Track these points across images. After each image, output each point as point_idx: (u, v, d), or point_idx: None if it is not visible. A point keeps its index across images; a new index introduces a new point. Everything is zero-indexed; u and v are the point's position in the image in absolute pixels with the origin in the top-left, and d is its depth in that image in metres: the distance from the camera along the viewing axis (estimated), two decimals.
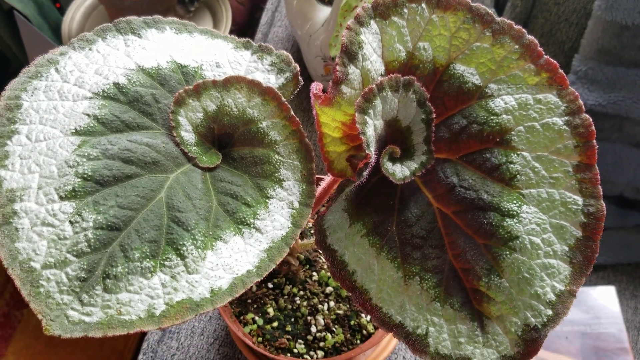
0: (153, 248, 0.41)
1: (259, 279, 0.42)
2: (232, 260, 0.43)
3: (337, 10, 0.86)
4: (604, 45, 0.95)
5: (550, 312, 0.44)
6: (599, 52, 0.96)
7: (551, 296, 0.45)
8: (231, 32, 1.35)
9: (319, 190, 0.58)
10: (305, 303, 0.66)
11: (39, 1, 1.38)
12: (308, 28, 0.97)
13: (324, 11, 0.97)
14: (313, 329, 0.64)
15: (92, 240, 0.40)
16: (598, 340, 0.95)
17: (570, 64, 1.02)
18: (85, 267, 0.40)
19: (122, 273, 0.40)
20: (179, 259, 0.41)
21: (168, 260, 0.41)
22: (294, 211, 0.46)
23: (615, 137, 1.00)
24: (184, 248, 0.42)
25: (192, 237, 0.42)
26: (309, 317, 0.65)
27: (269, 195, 0.47)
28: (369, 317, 0.64)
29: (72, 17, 1.33)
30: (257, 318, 0.64)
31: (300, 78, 0.53)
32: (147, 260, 0.41)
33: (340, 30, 0.81)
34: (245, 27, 1.48)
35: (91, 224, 0.41)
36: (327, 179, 0.59)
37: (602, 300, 0.98)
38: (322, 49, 0.96)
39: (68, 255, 0.40)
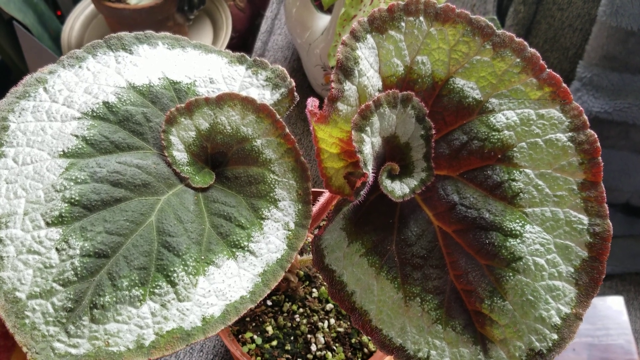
0: (142, 275, 0.40)
1: (253, 305, 0.41)
2: (225, 285, 0.41)
3: (336, 19, 0.85)
4: (609, 51, 0.93)
5: (555, 336, 0.43)
6: (604, 59, 0.94)
7: (556, 319, 0.43)
8: (231, 39, 1.34)
9: (316, 206, 0.56)
10: (305, 321, 0.65)
11: (39, 10, 1.37)
12: (307, 36, 0.96)
13: (324, 19, 0.96)
14: (313, 347, 0.63)
15: (79, 269, 0.39)
16: (606, 352, 0.93)
17: (575, 71, 1.00)
18: (71, 296, 0.39)
19: (110, 302, 0.39)
20: (169, 286, 0.40)
21: (158, 287, 0.40)
22: (290, 233, 0.45)
23: (622, 144, 0.98)
24: (175, 274, 0.40)
25: (183, 262, 0.41)
26: (309, 335, 0.64)
27: (263, 216, 0.45)
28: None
29: (72, 26, 1.33)
30: (255, 337, 0.63)
31: (295, 94, 0.52)
32: (136, 288, 0.39)
33: (339, 40, 0.80)
34: (245, 34, 1.47)
35: (78, 252, 0.39)
36: (325, 195, 0.58)
37: (610, 310, 0.96)
38: (321, 57, 0.95)
39: (54, 285, 0.38)
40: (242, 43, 1.47)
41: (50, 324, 0.38)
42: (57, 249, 0.39)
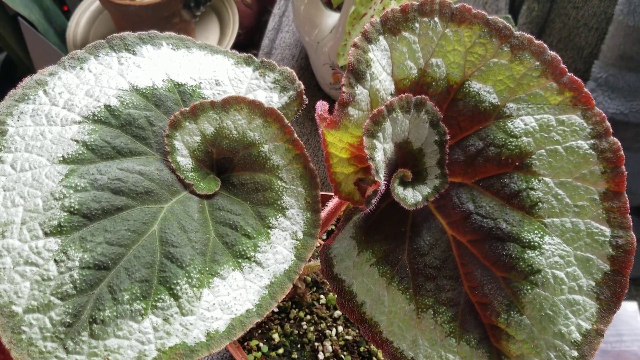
0: (144, 288, 0.38)
1: (259, 319, 0.39)
2: (230, 298, 0.39)
3: (345, 17, 0.83)
4: (626, 51, 0.90)
5: (575, 353, 0.41)
6: (620, 59, 0.92)
7: (576, 336, 0.41)
8: (238, 36, 1.32)
9: (324, 212, 0.55)
10: (312, 328, 0.63)
11: (44, 6, 1.36)
12: (316, 34, 0.94)
13: (332, 17, 0.93)
14: (320, 356, 0.61)
15: (78, 282, 0.37)
16: (619, 359, 0.91)
17: (590, 71, 0.98)
18: (70, 311, 0.37)
19: (110, 317, 0.37)
20: (172, 299, 0.38)
21: (160, 301, 0.38)
22: (298, 242, 0.43)
23: (637, 146, 0.96)
24: (178, 287, 0.39)
25: (186, 274, 0.39)
26: (316, 343, 0.62)
27: (271, 225, 0.43)
28: None
29: (77, 22, 1.31)
30: (261, 344, 0.61)
31: (304, 97, 0.50)
32: (138, 302, 0.38)
33: (349, 39, 0.78)
34: (252, 31, 1.45)
35: (77, 263, 0.38)
36: (334, 200, 0.56)
37: (624, 316, 0.94)
38: (330, 56, 0.93)
39: (52, 298, 0.37)
40: (249, 40, 1.45)
41: (47, 339, 0.36)
42: (55, 261, 0.38)
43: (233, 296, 0.40)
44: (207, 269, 0.40)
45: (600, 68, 0.94)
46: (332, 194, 0.61)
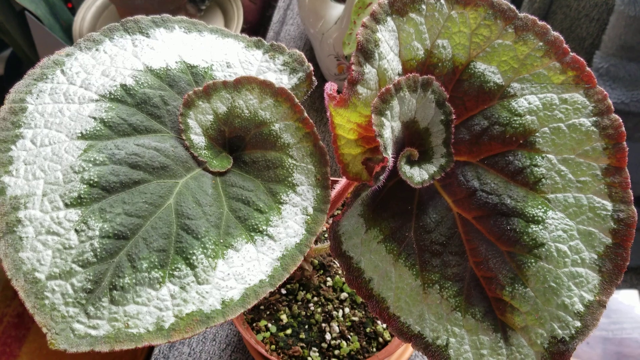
0: (162, 257, 0.39)
1: (272, 289, 0.40)
2: (244, 269, 0.41)
3: (350, 7, 0.84)
4: (627, 41, 0.92)
5: (578, 323, 0.42)
6: (621, 49, 0.93)
7: (579, 307, 0.42)
8: (242, 30, 1.33)
9: (333, 193, 0.56)
10: (319, 309, 0.64)
11: (50, 1, 1.37)
12: (321, 26, 0.95)
13: (337, 9, 0.95)
14: (328, 336, 0.62)
15: (98, 250, 0.39)
16: (621, 346, 0.92)
17: (591, 61, 0.99)
18: (91, 277, 0.38)
19: (130, 284, 0.38)
20: (188, 268, 0.40)
21: (177, 270, 0.39)
22: (308, 217, 0.44)
23: (638, 136, 0.97)
24: (194, 257, 0.40)
25: (202, 245, 0.41)
26: (323, 324, 0.63)
27: (282, 200, 0.45)
28: (385, 325, 0.62)
29: (83, 17, 1.33)
30: (270, 325, 0.63)
31: (313, 78, 0.51)
32: (156, 270, 0.39)
33: (354, 28, 0.79)
34: (256, 26, 1.47)
35: (97, 233, 0.39)
36: (342, 181, 0.57)
37: (625, 304, 0.95)
38: (335, 47, 0.94)
39: (73, 266, 0.38)
40: (253, 34, 1.46)
41: (69, 304, 0.37)
42: (76, 230, 0.39)
43: (247, 267, 0.41)
44: (222, 240, 0.41)
45: (602, 58, 0.96)
46: (339, 179, 0.62)
